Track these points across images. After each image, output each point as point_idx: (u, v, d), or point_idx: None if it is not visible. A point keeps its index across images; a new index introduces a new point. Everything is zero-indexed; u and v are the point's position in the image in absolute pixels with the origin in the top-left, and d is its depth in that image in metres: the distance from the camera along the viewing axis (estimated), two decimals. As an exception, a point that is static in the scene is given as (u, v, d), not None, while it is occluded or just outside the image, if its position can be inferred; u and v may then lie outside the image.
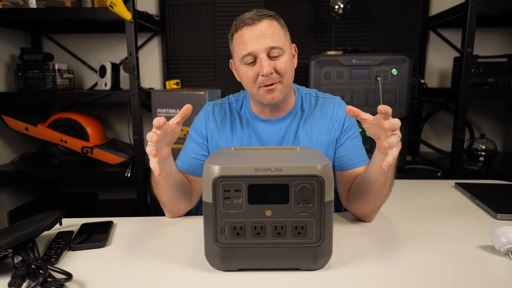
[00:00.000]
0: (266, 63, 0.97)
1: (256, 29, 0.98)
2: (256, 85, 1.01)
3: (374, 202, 0.95)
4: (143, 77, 2.32)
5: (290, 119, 1.11)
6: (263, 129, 1.11)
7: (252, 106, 1.13)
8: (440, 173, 1.94)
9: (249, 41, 0.98)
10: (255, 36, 0.97)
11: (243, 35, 0.99)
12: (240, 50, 1.00)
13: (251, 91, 1.04)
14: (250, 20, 0.99)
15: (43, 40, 2.33)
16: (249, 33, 0.98)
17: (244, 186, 0.71)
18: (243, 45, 0.99)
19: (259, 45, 0.97)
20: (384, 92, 1.84)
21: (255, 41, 0.97)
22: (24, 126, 1.99)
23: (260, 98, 1.03)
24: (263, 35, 0.97)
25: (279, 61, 1.00)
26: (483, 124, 2.31)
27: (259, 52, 0.98)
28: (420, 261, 0.79)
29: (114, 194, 2.47)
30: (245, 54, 0.99)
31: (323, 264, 0.76)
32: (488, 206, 1.09)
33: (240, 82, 1.09)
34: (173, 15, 2.28)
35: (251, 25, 0.98)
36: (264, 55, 0.98)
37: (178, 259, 0.82)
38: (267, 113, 1.10)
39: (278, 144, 1.11)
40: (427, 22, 2.18)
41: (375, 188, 0.92)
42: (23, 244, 0.79)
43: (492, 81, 1.89)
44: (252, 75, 1.00)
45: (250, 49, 0.98)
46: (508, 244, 0.79)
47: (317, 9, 2.23)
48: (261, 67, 0.98)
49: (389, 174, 0.90)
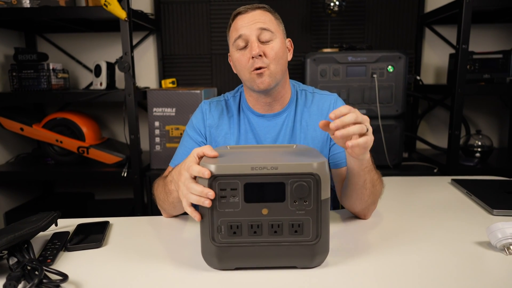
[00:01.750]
0: (255, 45, 1.00)
1: (249, 16, 1.03)
2: (248, 69, 1.03)
3: (359, 203, 0.96)
4: (139, 76, 2.31)
5: (285, 114, 1.11)
6: (258, 124, 1.11)
7: (248, 98, 1.13)
8: (436, 169, 1.94)
9: (240, 26, 1.03)
10: (246, 21, 1.02)
11: (237, 23, 1.04)
12: (233, 35, 1.05)
13: (245, 76, 1.06)
14: (244, 9, 1.04)
15: (38, 39, 2.31)
16: (241, 19, 1.03)
17: (240, 185, 0.71)
18: (235, 31, 1.04)
19: (249, 29, 1.01)
20: (380, 89, 1.84)
21: (246, 25, 1.02)
22: (19, 127, 1.98)
23: (252, 84, 1.05)
24: (255, 20, 1.02)
25: (268, 46, 1.02)
26: (479, 120, 2.31)
27: (249, 35, 1.01)
28: (417, 258, 0.79)
29: (110, 194, 2.46)
30: (236, 37, 1.03)
31: (320, 262, 0.76)
32: (484, 202, 1.09)
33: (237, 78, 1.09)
34: (168, 14, 2.27)
35: (244, 13, 1.04)
36: (254, 37, 1.01)
37: (175, 258, 0.81)
38: (262, 105, 1.10)
39: (274, 139, 1.11)
40: (423, 19, 2.18)
41: (356, 190, 0.93)
42: (18, 245, 0.78)
43: (487, 77, 1.90)
44: (245, 60, 1.03)
45: (240, 32, 1.02)
46: (505, 239, 0.79)
47: (313, 6, 2.23)
48: (250, 49, 1.01)
49: (366, 176, 0.90)
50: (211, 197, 0.70)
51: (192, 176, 0.74)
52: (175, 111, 1.91)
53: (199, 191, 0.71)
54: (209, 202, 0.71)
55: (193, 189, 0.72)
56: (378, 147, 1.84)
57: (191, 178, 0.75)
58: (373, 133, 0.82)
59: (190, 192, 0.73)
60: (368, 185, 0.92)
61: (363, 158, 0.86)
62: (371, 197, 0.95)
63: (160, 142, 1.95)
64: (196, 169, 0.72)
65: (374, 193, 0.95)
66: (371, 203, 0.97)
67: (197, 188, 0.72)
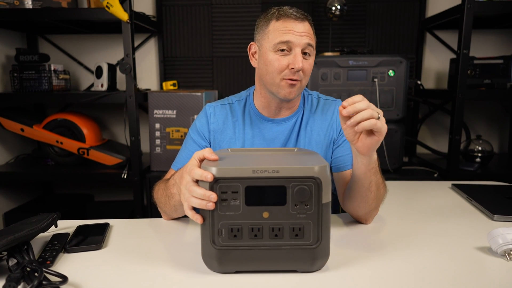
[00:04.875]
0: (300, 59, 1.00)
1: (300, 26, 1.01)
2: (281, 76, 1.02)
3: (363, 206, 0.96)
4: (140, 78, 2.31)
5: (295, 119, 1.12)
6: (267, 129, 1.11)
7: (257, 103, 1.12)
8: (436, 174, 1.94)
9: (291, 32, 1.00)
10: (297, 30, 1.00)
11: (287, 25, 1.01)
12: (277, 36, 1.01)
13: (272, 80, 1.04)
14: (295, 16, 1.01)
15: (39, 40, 2.32)
16: (292, 25, 1.01)
17: (241, 188, 0.71)
18: (283, 33, 1.01)
19: (300, 39, 1.00)
20: (381, 93, 1.84)
21: (297, 35, 1.00)
22: (20, 127, 1.98)
23: (277, 90, 1.04)
24: (305, 32, 1.01)
25: (307, 61, 1.03)
26: (479, 125, 2.32)
27: (297, 46, 1.00)
28: (418, 263, 0.79)
29: (110, 196, 2.46)
30: (283, 41, 1.00)
31: (320, 266, 0.75)
32: (485, 207, 1.09)
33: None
34: (169, 16, 2.27)
35: (296, 20, 1.01)
36: (299, 50, 1.01)
37: (175, 261, 0.81)
38: (272, 110, 1.10)
39: (283, 144, 1.11)
40: (424, 24, 2.18)
41: (361, 193, 0.93)
42: (18, 246, 0.78)
43: (488, 83, 1.90)
44: (281, 65, 1.02)
45: (290, 39, 1.00)
46: (505, 245, 0.79)
47: (314, 10, 2.23)
48: (294, 60, 1.00)
49: (372, 177, 0.90)
50: (213, 200, 0.70)
51: (194, 179, 0.74)
52: (175, 113, 1.91)
53: (202, 194, 0.71)
54: (212, 204, 0.70)
55: (196, 192, 0.72)
56: (379, 151, 1.83)
57: (193, 181, 0.75)
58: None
59: (192, 196, 0.73)
60: (373, 187, 0.92)
61: (371, 156, 0.86)
62: (375, 200, 0.95)
63: (161, 144, 1.95)
64: (199, 172, 0.72)
65: (378, 197, 0.95)
66: (375, 207, 0.97)
67: (200, 191, 0.72)
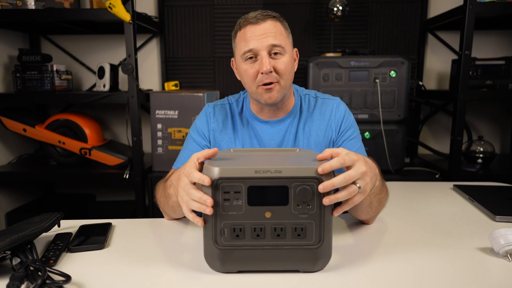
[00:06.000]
0: (266, 61, 0.98)
1: (260, 28, 0.99)
2: (256, 83, 1.02)
3: (364, 216, 0.96)
4: (142, 79, 2.31)
5: (289, 120, 1.11)
6: (262, 131, 1.11)
7: (252, 106, 1.13)
8: (438, 175, 1.94)
9: (251, 39, 0.99)
10: (257, 34, 0.99)
11: (246, 33, 1.00)
12: (242, 46, 1.01)
13: (250, 89, 1.04)
14: (254, 19, 1.00)
15: (42, 41, 2.32)
16: (252, 31, 0.99)
17: (244, 188, 0.71)
18: (245, 42, 1.00)
19: (260, 43, 0.98)
20: (382, 94, 1.84)
21: (257, 39, 0.98)
22: (22, 127, 1.98)
23: (258, 97, 1.04)
24: (266, 33, 0.98)
25: (279, 61, 1.00)
26: (481, 126, 2.32)
27: (260, 50, 0.99)
28: (419, 264, 0.79)
29: (112, 196, 2.46)
30: (246, 51, 1.00)
31: (322, 266, 0.76)
32: (486, 208, 1.09)
33: (239, 81, 1.09)
34: (172, 17, 2.28)
35: (255, 24, 1.00)
36: (265, 52, 0.99)
37: (177, 261, 0.81)
38: (266, 113, 1.10)
39: (278, 145, 1.10)
40: (426, 25, 2.18)
41: (362, 209, 0.92)
42: (21, 246, 0.78)
43: (490, 84, 1.90)
44: (252, 73, 1.01)
45: (251, 46, 0.99)
46: (507, 246, 0.79)
47: (316, 11, 2.23)
48: (261, 64, 0.99)
49: (373, 199, 0.88)
50: (209, 204, 0.69)
51: (192, 182, 0.74)
52: (177, 113, 1.92)
53: (198, 197, 0.71)
54: (210, 210, 0.70)
55: (193, 194, 0.72)
56: (380, 152, 1.84)
57: (191, 183, 0.74)
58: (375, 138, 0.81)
59: (191, 199, 0.73)
60: (374, 204, 0.91)
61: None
62: (377, 210, 0.95)
63: (162, 145, 1.95)
64: (197, 175, 0.71)
65: (380, 206, 0.95)
66: (377, 214, 0.98)
67: (197, 194, 0.71)
